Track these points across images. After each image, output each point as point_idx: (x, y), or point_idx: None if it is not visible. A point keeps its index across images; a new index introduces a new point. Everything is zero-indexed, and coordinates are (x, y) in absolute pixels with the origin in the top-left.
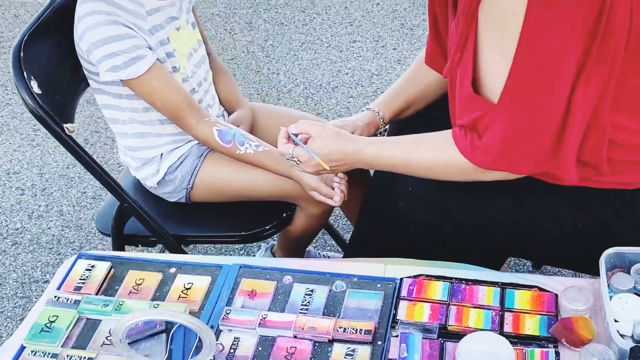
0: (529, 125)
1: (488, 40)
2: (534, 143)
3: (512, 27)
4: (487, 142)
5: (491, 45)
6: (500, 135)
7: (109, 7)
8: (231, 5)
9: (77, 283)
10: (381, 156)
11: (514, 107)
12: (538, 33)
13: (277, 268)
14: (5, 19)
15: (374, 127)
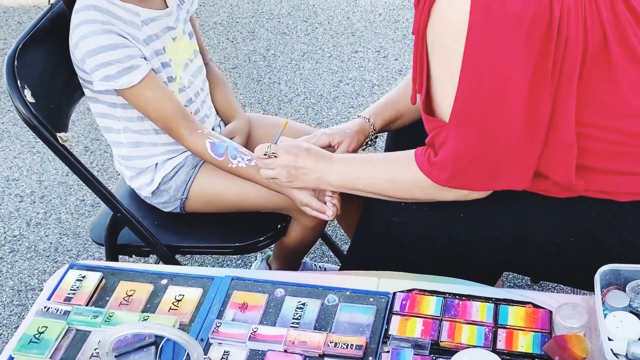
0: (479, 143)
1: (436, 62)
2: (486, 160)
3: (455, 49)
4: (442, 160)
5: (439, 67)
6: (452, 153)
7: (104, 16)
8: (234, 14)
9: (68, 293)
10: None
11: (463, 126)
12: (480, 54)
13: (269, 281)
14: (8, 26)
15: (363, 134)
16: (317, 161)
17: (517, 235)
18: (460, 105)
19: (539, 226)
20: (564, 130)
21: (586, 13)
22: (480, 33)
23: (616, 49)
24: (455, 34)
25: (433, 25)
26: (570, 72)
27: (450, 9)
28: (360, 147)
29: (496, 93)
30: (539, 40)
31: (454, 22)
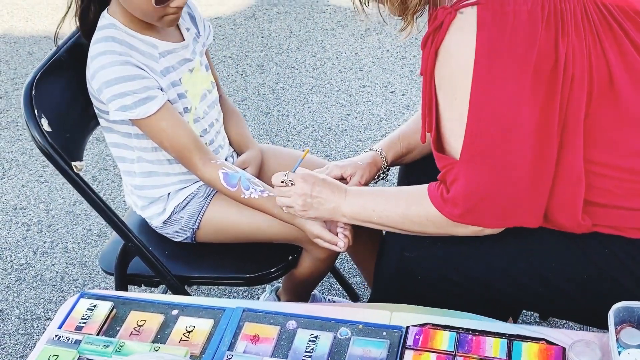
0: (489, 180)
1: (444, 101)
2: (497, 197)
3: (462, 88)
4: (454, 196)
5: (447, 106)
6: (464, 189)
7: (122, 48)
8: (243, 48)
9: (79, 322)
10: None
11: (473, 163)
12: (487, 93)
13: (281, 312)
14: (19, 56)
15: (375, 167)
16: (333, 192)
17: (530, 272)
18: (470, 143)
19: (552, 263)
20: (571, 169)
21: (591, 53)
22: (487, 73)
23: (625, 89)
24: (462, 74)
25: (440, 66)
26: (576, 110)
27: (456, 50)
28: (372, 180)
29: (504, 131)
30: (545, 79)
31: (461, 62)
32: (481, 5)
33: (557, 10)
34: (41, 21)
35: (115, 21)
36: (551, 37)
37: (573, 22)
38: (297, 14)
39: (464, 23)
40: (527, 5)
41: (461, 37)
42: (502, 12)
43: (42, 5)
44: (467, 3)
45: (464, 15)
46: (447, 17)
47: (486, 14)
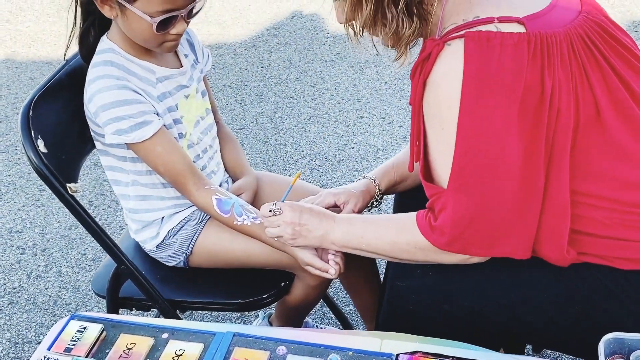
0: (476, 209)
1: (432, 131)
2: (483, 226)
3: (449, 118)
4: (441, 224)
5: (434, 135)
6: (451, 218)
7: (120, 72)
8: (243, 77)
9: (68, 344)
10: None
11: (460, 193)
12: (474, 123)
13: (271, 338)
14: (20, 81)
15: (369, 195)
16: (321, 220)
17: (521, 302)
18: (457, 173)
19: (543, 294)
20: (556, 201)
21: (577, 86)
22: (473, 104)
23: (611, 122)
24: (449, 105)
25: (428, 96)
26: (562, 142)
27: (444, 81)
28: (365, 208)
29: (491, 161)
30: (531, 111)
31: (448, 93)
32: (468, 37)
33: (544, 44)
34: (44, 48)
35: (115, 46)
36: (537, 71)
37: (559, 56)
38: (297, 45)
39: (451, 55)
40: (514, 39)
41: (448, 68)
42: (489, 45)
43: (45, 33)
44: (455, 36)
45: (452, 47)
46: (435, 49)
47: (473, 47)
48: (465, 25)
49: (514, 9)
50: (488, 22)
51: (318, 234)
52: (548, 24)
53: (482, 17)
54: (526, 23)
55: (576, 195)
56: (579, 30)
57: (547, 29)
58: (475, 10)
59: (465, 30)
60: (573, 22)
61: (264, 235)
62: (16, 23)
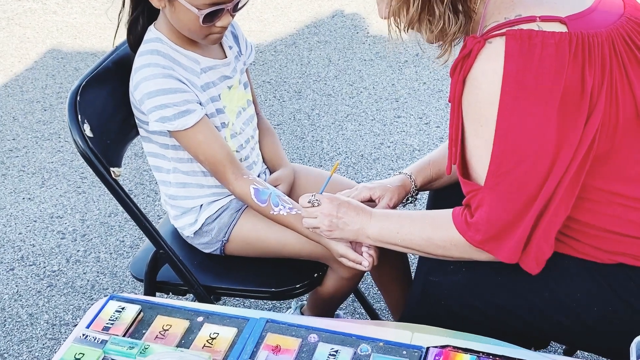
0: (513, 206)
1: (470, 128)
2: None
3: (488, 116)
4: (477, 221)
5: (473, 132)
6: (487, 216)
7: (166, 61)
8: (282, 74)
9: (106, 323)
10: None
11: (497, 190)
12: (512, 121)
13: (303, 325)
14: (65, 71)
15: (405, 190)
16: (358, 213)
17: (554, 303)
18: (494, 171)
19: (576, 294)
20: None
21: (617, 86)
22: (512, 102)
23: None
24: (488, 102)
25: (468, 94)
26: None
27: (484, 79)
28: (400, 203)
29: (529, 160)
30: (572, 108)
31: (488, 90)
32: (509, 36)
33: (585, 44)
34: (89, 39)
35: (162, 35)
36: (578, 70)
37: (600, 56)
38: (337, 43)
39: (492, 52)
40: (555, 38)
41: (489, 66)
42: (530, 43)
43: (91, 25)
44: (496, 33)
45: (493, 44)
46: (475, 46)
47: (514, 45)
48: (507, 24)
49: (556, 9)
50: (530, 20)
51: (354, 228)
52: (590, 24)
53: (524, 16)
54: (568, 23)
55: (612, 196)
56: (620, 31)
57: (589, 29)
58: (517, 8)
59: (506, 29)
60: (615, 23)
61: (299, 225)
62: (63, 15)
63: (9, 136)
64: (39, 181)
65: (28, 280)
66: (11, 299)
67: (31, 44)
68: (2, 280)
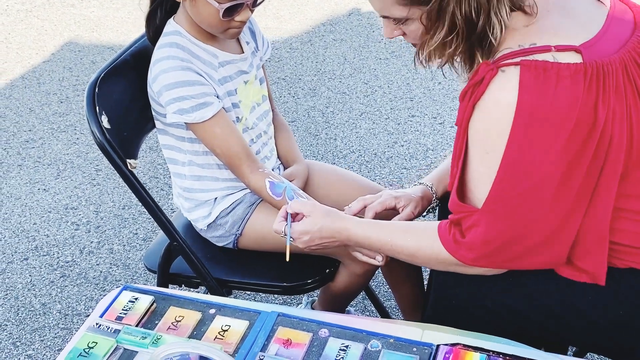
0: (510, 230)
1: (475, 153)
2: (514, 246)
3: (496, 144)
4: (470, 241)
5: (477, 157)
6: (482, 237)
7: (185, 54)
8: (297, 71)
9: (120, 313)
10: (369, 238)
11: (495, 214)
12: (520, 153)
13: (314, 320)
14: (83, 64)
15: (427, 200)
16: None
17: (566, 304)
18: (495, 197)
19: (588, 296)
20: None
21: (632, 112)
22: (523, 135)
23: None
24: (498, 132)
25: (477, 120)
26: (613, 169)
27: (496, 108)
28: (424, 212)
29: (530, 188)
30: (579, 142)
31: (499, 120)
32: (524, 66)
33: (600, 74)
34: (106, 33)
35: (181, 29)
36: (591, 102)
37: (614, 84)
38: (353, 42)
39: (505, 82)
40: (570, 70)
41: (502, 96)
42: (545, 76)
43: (109, 18)
44: (510, 62)
45: (506, 74)
46: (488, 73)
47: (529, 76)
48: (520, 52)
49: (571, 36)
50: (545, 50)
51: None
52: (604, 50)
53: (539, 45)
54: (583, 52)
55: (619, 212)
56: (633, 54)
57: (603, 57)
58: (532, 36)
59: (521, 58)
60: (628, 43)
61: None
62: (81, 8)
63: (25, 127)
64: (54, 172)
65: (42, 270)
66: (24, 288)
67: (49, 36)
68: (16, 270)
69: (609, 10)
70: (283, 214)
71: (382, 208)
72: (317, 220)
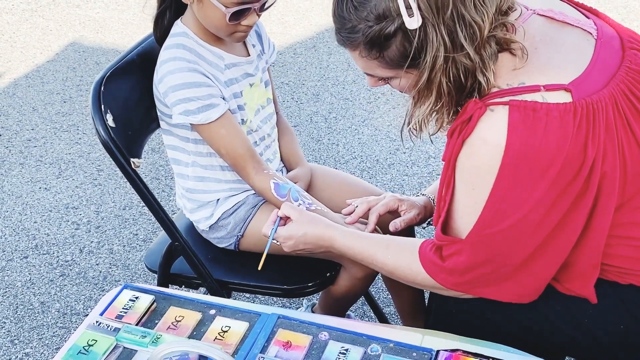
0: (492, 261)
1: (461, 188)
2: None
3: (483, 181)
4: (451, 267)
5: (464, 192)
6: (464, 265)
7: (192, 56)
8: (301, 76)
9: (120, 312)
10: (351, 249)
11: (478, 246)
12: (506, 191)
13: (314, 323)
14: (86, 65)
15: (429, 211)
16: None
17: (567, 317)
18: (479, 231)
19: (589, 309)
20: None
21: (624, 145)
22: (511, 174)
23: None
24: (486, 170)
25: (465, 156)
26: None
27: (484, 147)
28: (426, 221)
29: (514, 224)
30: (566, 180)
31: (487, 158)
32: (513, 107)
33: (590, 112)
34: (111, 34)
35: (188, 30)
36: (581, 142)
37: (605, 121)
38: None
39: (494, 122)
40: (559, 110)
41: (490, 135)
42: (535, 117)
43: (113, 20)
44: (498, 102)
45: (495, 113)
46: (476, 112)
47: (518, 117)
48: (509, 92)
49: (559, 75)
50: (534, 90)
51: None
52: (594, 85)
53: (527, 84)
54: (572, 90)
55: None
56: (622, 87)
57: (592, 95)
58: (520, 76)
59: (510, 98)
60: (617, 75)
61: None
62: (86, 9)
63: (28, 126)
64: (56, 172)
65: (41, 268)
66: (24, 287)
67: (54, 36)
68: (16, 268)
69: (596, 39)
70: (273, 218)
71: (386, 210)
72: (302, 227)
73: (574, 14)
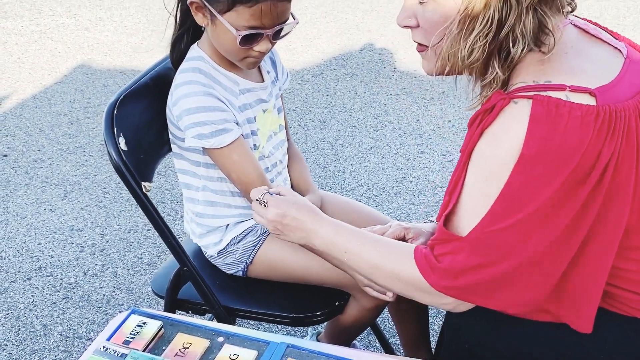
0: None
1: (473, 179)
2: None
3: (498, 174)
4: (446, 268)
5: (474, 184)
6: (461, 265)
7: (207, 80)
8: (308, 103)
9: (127, 337)
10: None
11: (480, 246)
12: (520, 186)
13: (324, 353)
14: (94, 87)
15: None
16: (305, 221)
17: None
18: (485, 226)
19: (604, 344)
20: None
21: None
22: (527, 166)
23: None
24: (502, 161)
25: (483, 146)
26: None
27: (504, 137)
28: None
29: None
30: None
31: (505, 150)
32: (536, 101)
33: (612, 118)
34: (119, 57)
35: (204, 54)
36: (598, 146)
37: (626, 130)
38: (364, 76)
39: (516, 113)
40: (582, 111)
41: (511, 126)
42: (557, 112)
43: (122, 44)
44: (523, 95)
45: (518, 105)
46: (500, 102)
47: (540, 111)
48: (534, 87)
49: (586, 79)
50: (559, 89)
51: (299, 235)
52: (619, 95)
53: (553, 83)
54: (598, 95)
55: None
56: None
57: (617, 103)
58: (547, 74)
59: (534, 93)
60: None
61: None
62: (95, 32)
63: (34, 147)
64: (62, 193)
65: (44, 290)
66: (26, 309)
67: (62, 58)
68: (19, 289)
69: (625, 58)
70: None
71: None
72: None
73: (606, 35)
